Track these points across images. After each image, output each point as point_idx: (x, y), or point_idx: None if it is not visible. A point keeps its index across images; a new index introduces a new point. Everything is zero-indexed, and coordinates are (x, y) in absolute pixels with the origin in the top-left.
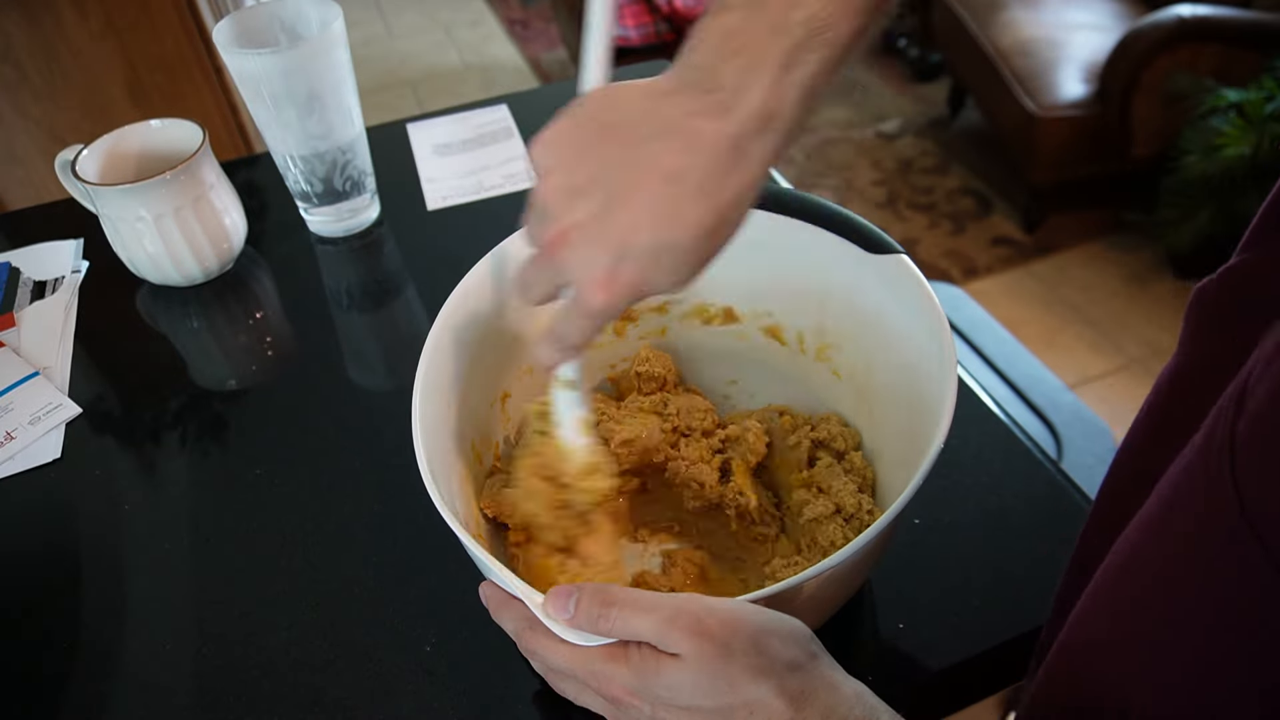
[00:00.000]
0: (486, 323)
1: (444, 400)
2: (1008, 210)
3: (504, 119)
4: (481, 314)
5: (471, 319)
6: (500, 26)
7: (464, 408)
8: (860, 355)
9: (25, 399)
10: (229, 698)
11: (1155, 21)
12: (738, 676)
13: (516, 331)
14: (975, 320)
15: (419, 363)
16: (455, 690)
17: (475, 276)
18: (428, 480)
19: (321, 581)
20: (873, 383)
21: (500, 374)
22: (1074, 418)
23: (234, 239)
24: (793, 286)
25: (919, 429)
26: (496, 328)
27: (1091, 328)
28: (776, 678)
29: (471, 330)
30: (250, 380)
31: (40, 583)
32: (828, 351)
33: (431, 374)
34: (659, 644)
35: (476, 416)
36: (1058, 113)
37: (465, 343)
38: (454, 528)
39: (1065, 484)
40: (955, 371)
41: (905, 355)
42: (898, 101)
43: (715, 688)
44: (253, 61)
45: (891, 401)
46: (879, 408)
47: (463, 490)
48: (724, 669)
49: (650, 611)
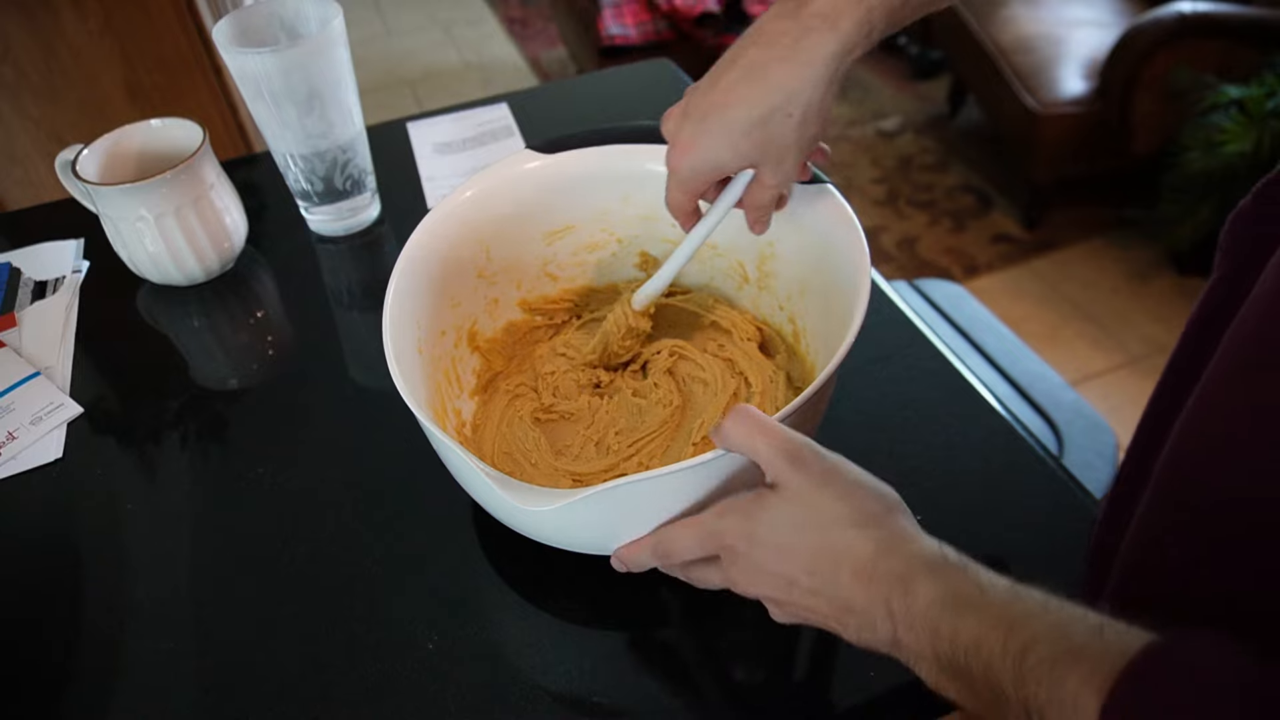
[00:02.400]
0: (443, 257)
1: (409, 329)
2: (1008, 207)
3: (504, 117)
4: (437, 253)
5: (429, 254)
6: (500, 25)
7: (431, 328)
8: (795, 281)
9: (26, 399)
10: (230, 697)
11: (1156, 18)
12: (829, 520)
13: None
14: (976, 318)
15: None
16: (456, 690)
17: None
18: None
19: (322, 581)
20: (805, 305)
21: (461, 308)
22: (1075, 415)
23: (234, 238)
24: (736, 220)
25: (836, 334)
26: (450, 264)
27: (1093, 324)
28: (862, 527)
29: (429, 265)
30: (251, 379)
31: (41, 582)
32: (769, 280)
33: (398, 300)
34: (767, 467)
35: (440, 343)
36: (1058, 109)
37: (430, 276)
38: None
39: (1067, 481)
40: (868, 280)
41: (827, 271)
42: (898, 99)
43: (808, 523)
44: (252, 60)
45: (818, 320)
46: (810, 324)
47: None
48: (816, 507)
49: (770, 435)
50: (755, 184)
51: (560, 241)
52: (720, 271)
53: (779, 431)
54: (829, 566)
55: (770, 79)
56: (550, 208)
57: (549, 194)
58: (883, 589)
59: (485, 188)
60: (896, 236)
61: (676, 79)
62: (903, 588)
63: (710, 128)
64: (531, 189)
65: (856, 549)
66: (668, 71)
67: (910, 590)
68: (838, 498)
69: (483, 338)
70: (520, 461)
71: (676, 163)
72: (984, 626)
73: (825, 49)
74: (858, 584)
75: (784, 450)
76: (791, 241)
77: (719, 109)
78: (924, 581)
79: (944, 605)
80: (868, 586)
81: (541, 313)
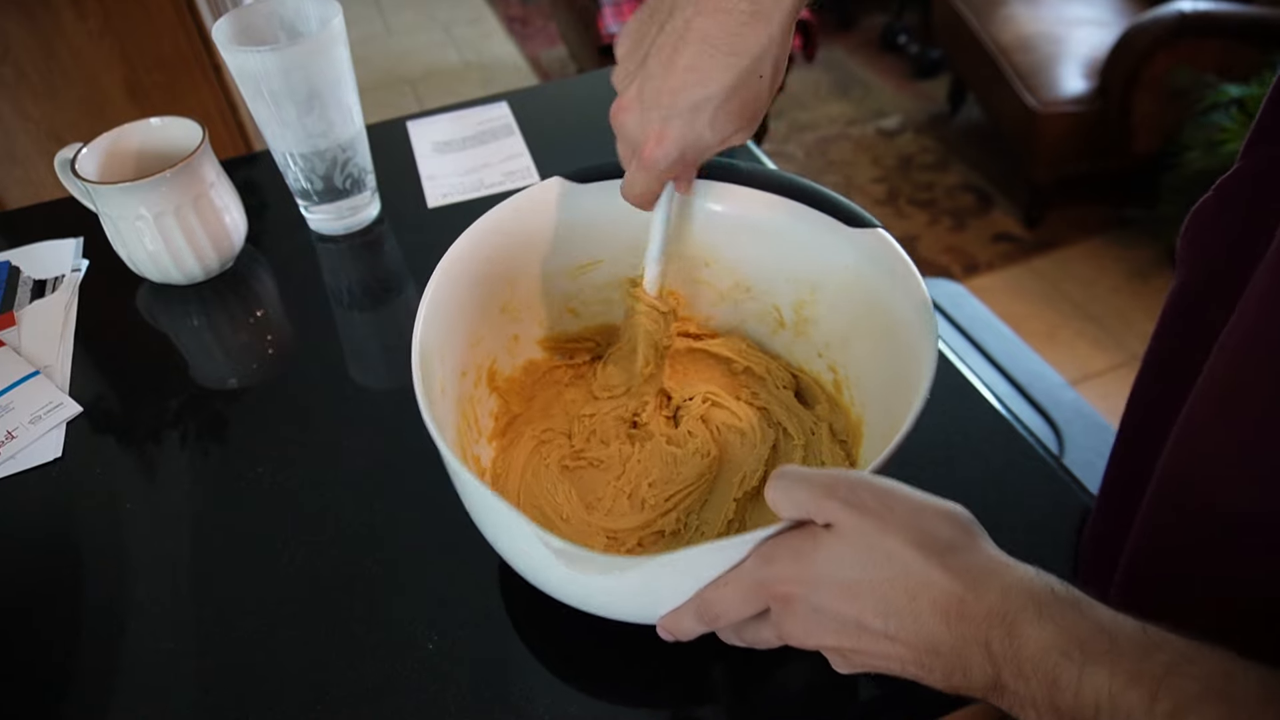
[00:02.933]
0: (469, 292)
1: (433, 368)
2: (1008, 206)
3: (504, 116)
4: (463, 285)
5: (455, 287)
6: (499, 24)
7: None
8: (838, 328)
9: (26, 398)
10: (230, 697)
11: (1156, 17)
12: (896, 550)
13: (505, 301)
14: (976, 316)
15: (418, 312)
16: (457, 690)
17: (471, 236)
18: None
19: (323, 580)
20: (849, 355)
21: (490, 337)
22: (1075, 414)
23: (234, 237)
24: (774, 263)
25: (896, 399)
26: (473, 300)
27: (1093, 324)
28: (938, 556)
29: (454, 299)
30: (251, 379)
31: (40, 582)
32: (806, 326)
33: (431, 325)
34: (816, 515)
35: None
36: (1058, 108)
37: (462, 301)
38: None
39: (1067, 480)
40: (936, 340)
41: (884, 325)
42: (898, 98)
43: (872, 559)
44: (252, 59)
45: (868, 371)
46: (855, 375)
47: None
48: (879, 540)
49: (809, 481)
50: (717, 149)
51: (585, 276)
52: (753, 315)
53: (817, 476)
54: (905, 603)
55: (735, 46)
56: (579, 240)
57: (579, 226)
58: (978, 628)
59: (512, 216)
60: (897, 236)
61: None
62: (1005, 628)
63: (682, 112)
64: (561, 220)
65: (936, 581)
66: None
67: (1016, 631)
68: (904, 525)
69: (502, 377)
70: (550, 516)
71: (653, 156)
72: (1118, 682)
73: (786, 2)
74: (942, 621)
75: (827, 490)
76: (834, 287)
77: (688, 89)
78: (1032, 622)
79: (1063, 653)
80: (957, 625)
81: (562, 351)
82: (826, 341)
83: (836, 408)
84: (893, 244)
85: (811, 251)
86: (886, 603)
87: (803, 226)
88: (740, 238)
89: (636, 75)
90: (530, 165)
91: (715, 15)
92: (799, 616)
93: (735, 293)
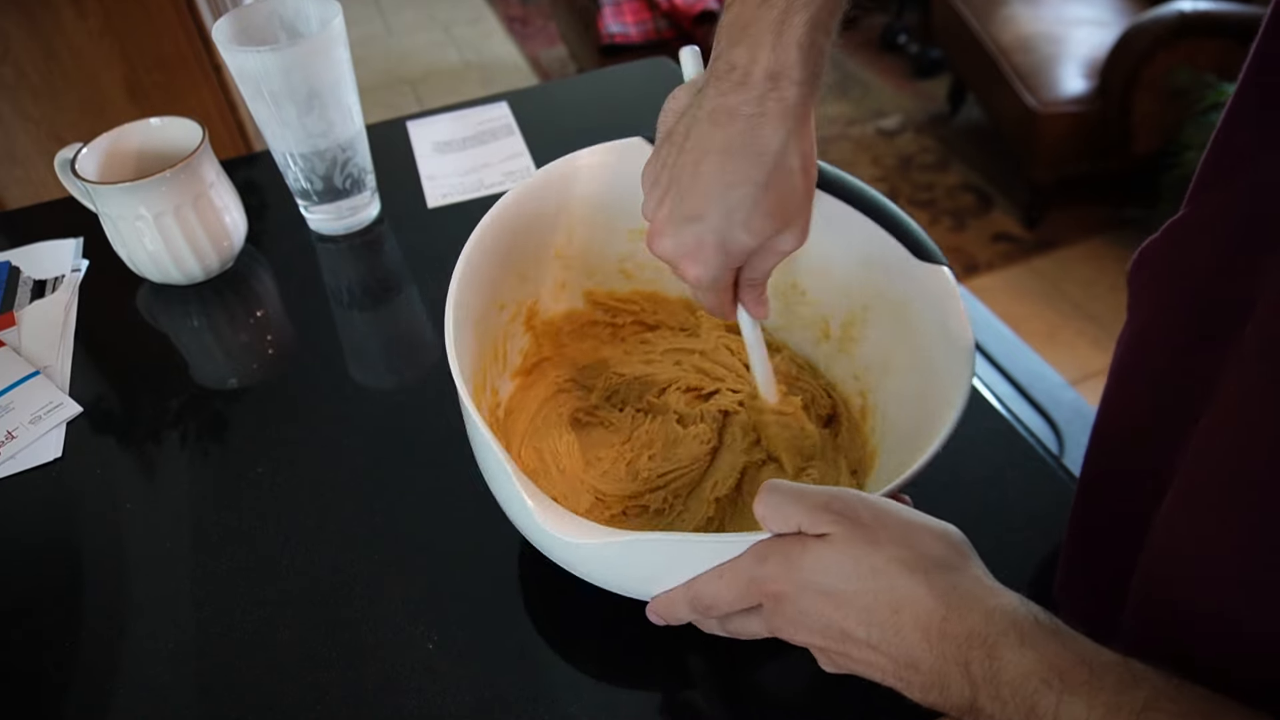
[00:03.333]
0: (528, 226)
1: (473, 297)
2: (1008, 206)
3: (504, 116)
4: (524, 220)
5: (514, 222)
6: (499, 24)
7: (487, 311)
8: (878, 355)
9: (26, 398)
10: (230, 697)
11: (1156, 16)
12: (883, 565)
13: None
14: (976, 316)
15: (455, 269)
16: (458, 689)
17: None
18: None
19: (323, 580)
20: (883, 384)
21: (525, 284)
22: (1075, 414)
23: (234, 237)
24: (835, 274)
25: (913, 440)
26: (532, 235)
27: (1093, 323)
28: (924, 574)
29: (511, 234)
30: (251, 379)
31: (41, 582)
32: (850, 345)
33: (466, 280)
34: (809, 528)
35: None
36: (1058, 108)
37: (498, 252)
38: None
39: (1067, 480)
40: (967, 392)
41: (923, 364)
42: (898, 98)
43: (859, 571)
44: (252, 59)
45: (895, 405)
46: (883, 405)
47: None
48: (869, 553)
49: (802, 497)
50: (764, 254)
51: (643, 241)
52: (801, 320)
53: (811, 491)
54: (887, 616)
55: (756, 146)
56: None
57: None
58: (959, 648)
59: (587, 165)
60: None
61: (676, 77)
62: (985, 651)
63: (714, 221)
64: (630, 179)
65: (920, 599)
66: (668, 70)
67: (996, 655)
68: (895, 541)
69: (540, 318)
70: (548, 463)
71: (696, 275)
72: (1096, 713)
73: (791, 99)
74: (923, 638)
75: (821, 504)
76: (885, 313)
77: (717, 196)
78: (1013, 648)
79: (1043, 680)
80: (938, 643)
81: (605, 309)
82: (866, 365)
83: (856, 435)
84: (953, 285)
85: (873, 273)
86: (870, 614)
87: (871, 247)
88: (808, 242)
89: (665, 199)
90: (530, 165)
91: (728, 125)
92: (788, 615)
93: (791, 294)
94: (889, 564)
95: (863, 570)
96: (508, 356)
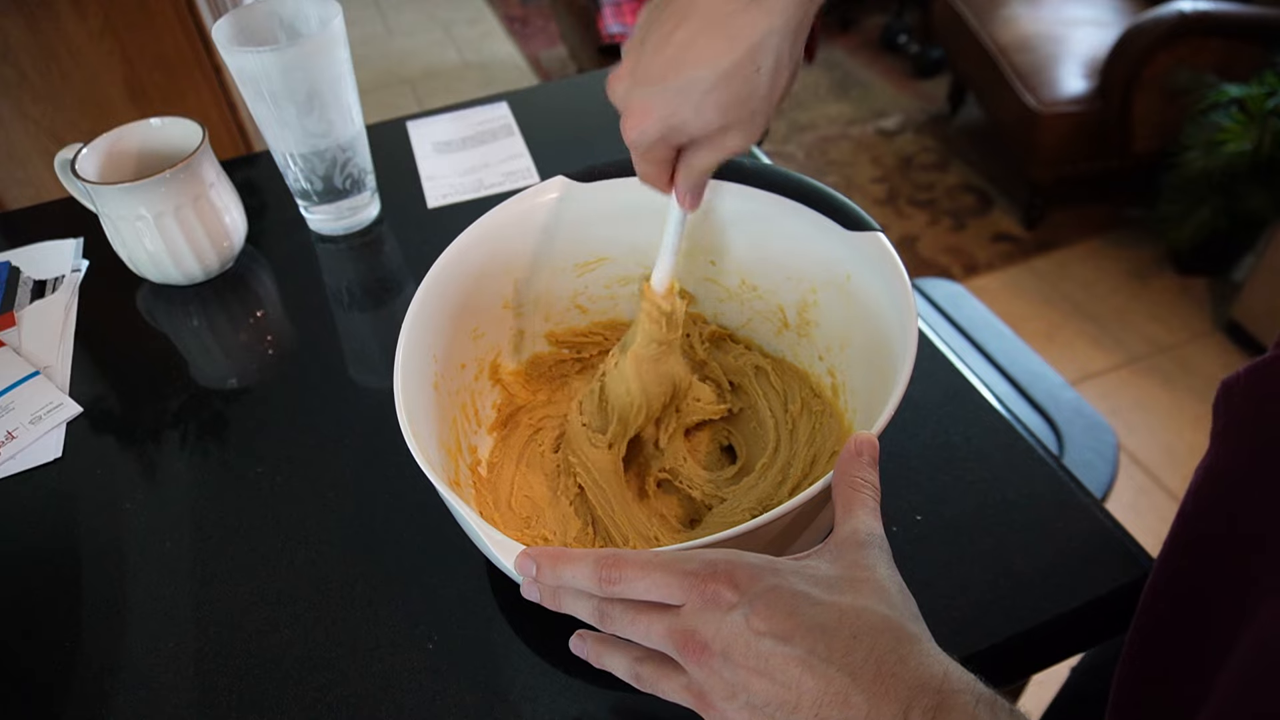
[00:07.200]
0: (466, 288)
1: (425, 362)
2: (1008, 206)
3: (504, 116)
4: (460, 282)
5: (451, 284)
6: (499, 24)
7: (445, 371)
8: (835, 331)
9: (26, 398)
10: (230, 697)
11: (1156, 16)
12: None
13: (491, 305)
14: (976, 317)
15: (401, 329)
16: (458, 689)
17: (453, 251)
18: (408, 435)
19: (323, 580)
20: (846, 359)
21: (476, 340)
22: (1075, 414)
23: (234, 237)
24: (778, 262)
25: (876, 409)
26: (474, 295)
27: (1092, 324)
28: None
29: (451, 296)
30: (251, 379)
31: (41, 582)
32: (809, 328)
33: (413, 338)
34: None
35: (456, 382)
36: (1058, 108)
37: (445, 311)
38: (434, 480)
39: (1067, 480)
40: (914, 350)
41: (874, 330)
42: (898, 98)
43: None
44: (252, 60)
45: (858, 376)
46: (850, 379)
47: (441, 450)
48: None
49: (664, 568)
50: (710, 147)
51: (591, 273)
52: (759, 314)
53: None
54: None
55: (732, 30)
56: (583, 239)
57: (582, 225)
58: (908, 692)
59: (514, 215)
60: (896, 236)
61: None
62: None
63: (667, 90)
64: (564, 219)
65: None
66: None
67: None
68: None
69: (505, 370)
70: (539, 503)
71: (631, 133)
72: None
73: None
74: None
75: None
76: (832, 289)
77: (676, 68)
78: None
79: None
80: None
81: (569, 345)
82: (827, 344)
83: (832, 419)
84: (888, 248)
85: (810, 252)
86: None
87: (802, 226)
88: (743, 235)
89: (636, 49)
90: (530, 165)
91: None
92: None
93: (743, 291)
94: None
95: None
96: (480, 412)
